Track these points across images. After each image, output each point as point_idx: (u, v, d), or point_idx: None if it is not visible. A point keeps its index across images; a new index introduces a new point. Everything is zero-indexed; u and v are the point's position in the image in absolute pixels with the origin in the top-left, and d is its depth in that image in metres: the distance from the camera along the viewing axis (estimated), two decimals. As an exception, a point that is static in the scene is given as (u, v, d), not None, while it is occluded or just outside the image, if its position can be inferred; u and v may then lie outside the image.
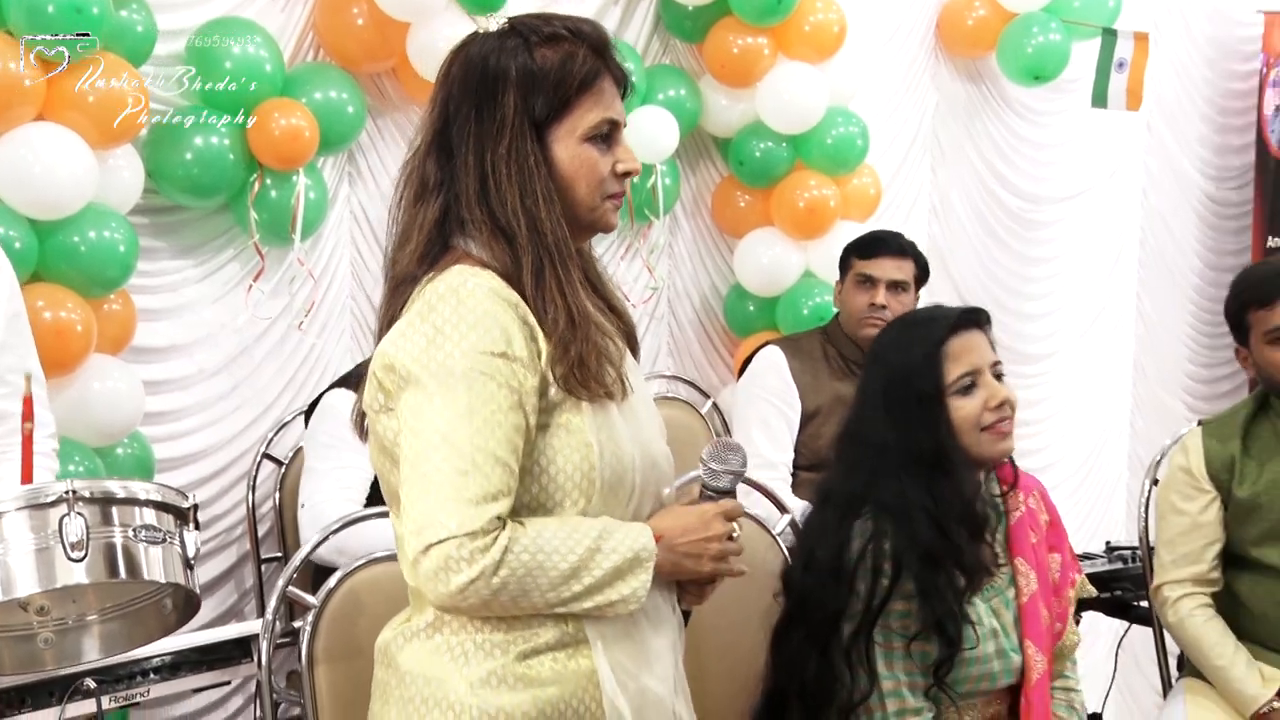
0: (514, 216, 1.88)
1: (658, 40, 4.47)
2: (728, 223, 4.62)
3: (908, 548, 2.40)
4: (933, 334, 2.50)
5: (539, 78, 1.90)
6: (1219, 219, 5.99)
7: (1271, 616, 3.27)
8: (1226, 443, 3.26)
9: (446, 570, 1.78)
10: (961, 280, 5.15)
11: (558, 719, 1.88)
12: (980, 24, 4.94)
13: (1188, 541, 3.27)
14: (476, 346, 1.81)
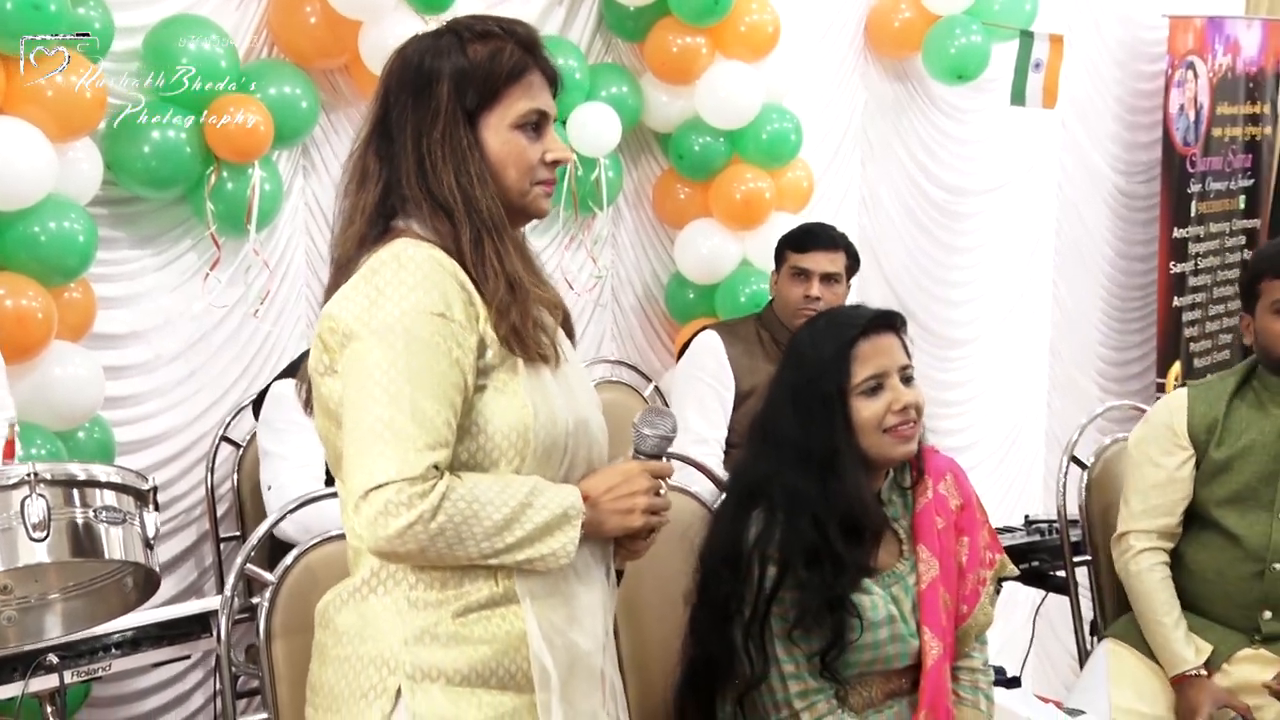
0: (450, 193, 1.90)
1: (600, 39, 4.45)
2: (668, 214, 4.62)
3: (793, 543, 2.40)
4: (844, 335, 2.48)
5: (470, 70, 1.93)
6: (1128, 211, 6.03)
7: (1212, 579, 3.30)
8: (1212, 406, 3.29)
9: (386, 514, 1.78)
10: (890, 269, 5.16)
11: (489, 675, 1.87)
12: (906, 26, 4.95)
13: (1161, 494, 3.30)
14: (416, 306, 1.83)
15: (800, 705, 2.41)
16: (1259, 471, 3.24)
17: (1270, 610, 3.24)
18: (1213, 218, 6.11)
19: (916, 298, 5.11)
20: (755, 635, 2.40)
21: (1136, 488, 3.35)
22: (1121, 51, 5.89)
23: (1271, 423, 3.25)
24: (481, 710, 1.86)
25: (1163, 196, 5.94)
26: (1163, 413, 3.36)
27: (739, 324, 3.98)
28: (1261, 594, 3.24)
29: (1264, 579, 3.23)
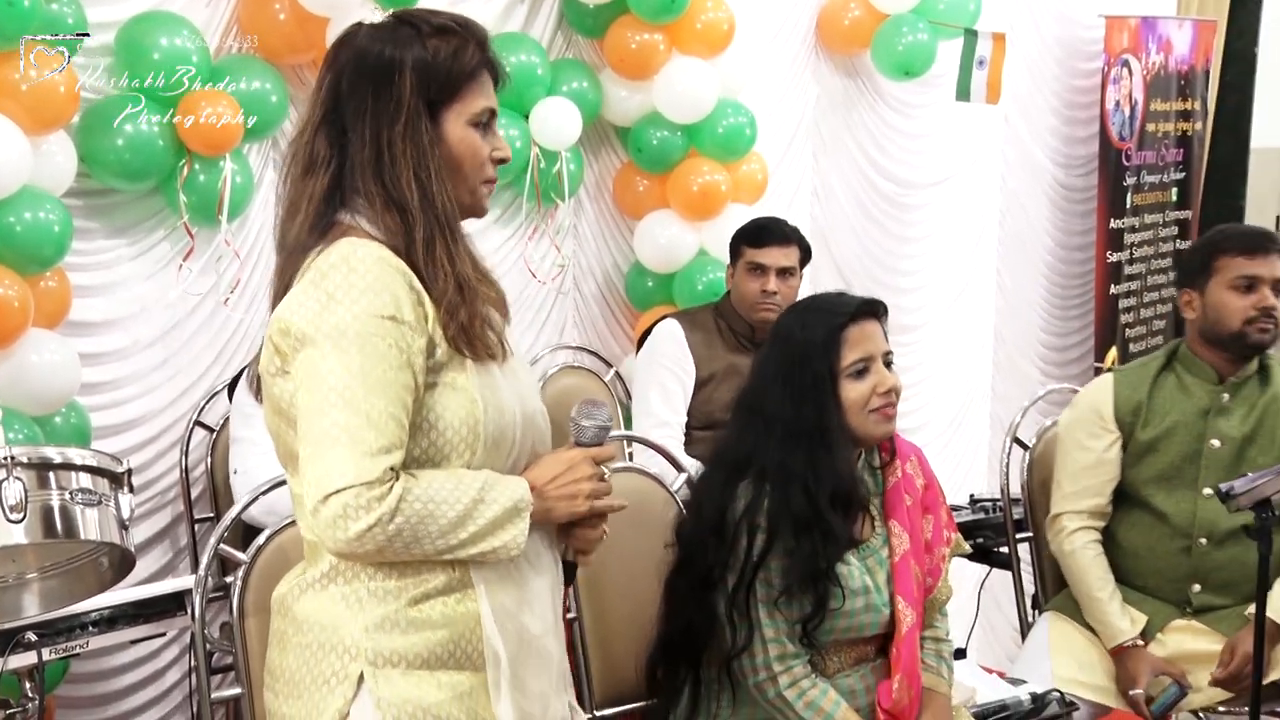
0: (407, 189, 1.86)
1: (561, 36, 4.42)
2: (628, 205, 4.60)
3: (782, 513, 2.43)
4: (834, 320, 2.52)
5: (432, 64, 1.89)
6: (1068, 203, 6.05)
7: (1143, 555, 3.33)
8: (1136, 389, 3.32)
9: (345, 518, 1.75)
10: (841, 258, 5.17)
11: (446, 658, 1.86)
12: (856, 24, 4.94)
13: (1091, 476, 3.33)
14: (367, 310, 1.79)
15: (779, 669, 2.44)
16: (1183, 451, 3.27)
17: (1199, 583, 3.27)
18: (1147, 209, 6.14)
19: (867, 286, 5.09)
20: (740, 603, 2.43)
21: (1067, 470, 3.38)
22: (1060, 50, 5.91)
23: (1193, 403, 3.28)
24: (441, 690, 1.85)
25: (1100, 189, 5.96)
26: (1089, 397, 3.39)
27: (698, 313, 3.97)
28: (1190, 568, 3.27)
29: (1191, 554, 3.26)
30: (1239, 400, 3.26)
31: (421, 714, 1.83)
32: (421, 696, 1.83)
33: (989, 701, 2.89)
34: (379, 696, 1.83)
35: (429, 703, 1.84)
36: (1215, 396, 3.26)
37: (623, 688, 2.79)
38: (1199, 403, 3.27)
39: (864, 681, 2.55)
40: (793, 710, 2.44)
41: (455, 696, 1.85)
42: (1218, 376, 3.27)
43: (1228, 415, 3.26)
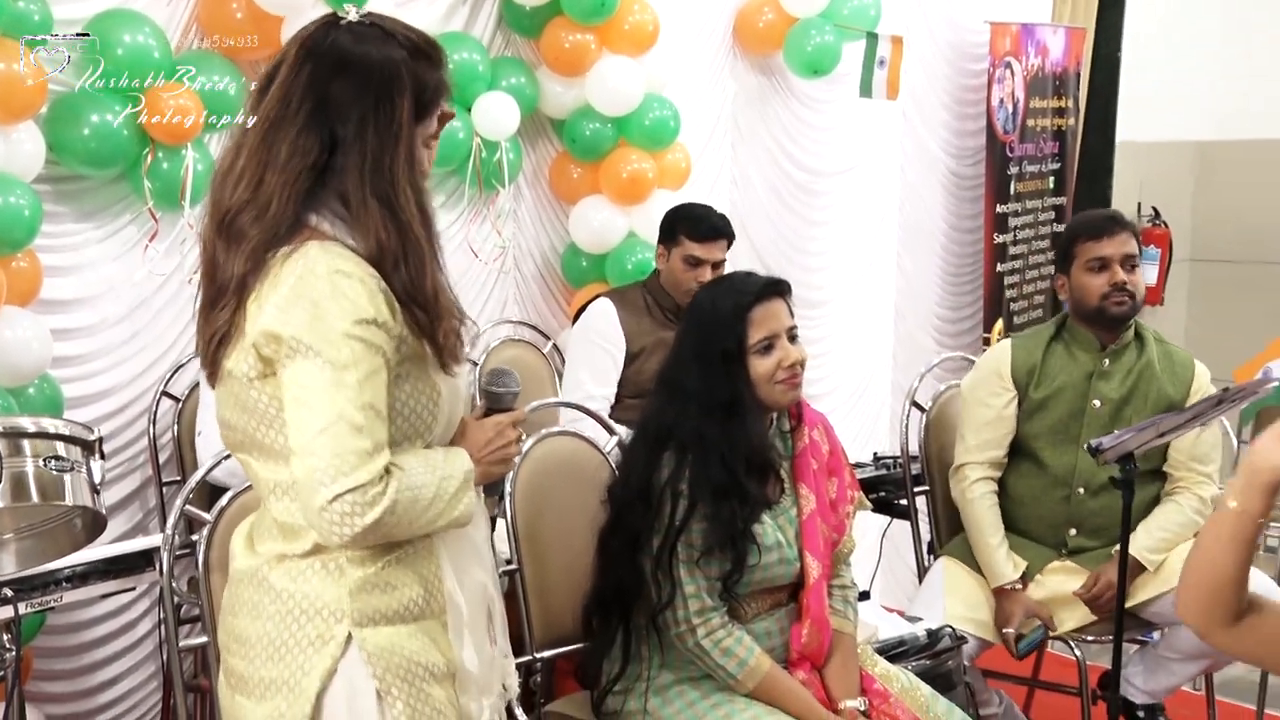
0: (412, 213, 1.78)
1: (500, 35, 4.37)
2: (563, 191, 4.57)
3: (702, 481, 2.42)
4: (741, 300, 2.52)
5: (426, 87, 1.83)
6: (959, 190, 6.08)
7: (1028, 503, 3.40)
8: (1031, 353, 3.40)
9: (354, 515, 1.71)
10: (757, 239, 5.16)
11: (417, 612, 1.84)
12: (769, 27, 4.93)
13: (991, 430, 3.39)
14: (353, 316, 1.72)
15: (697, 622, 2.44)
16: (1069, 409, 3.33)
17: (1075, 528, 3.34)
18: (1028, 195, 6.19)
19: (780, 265, 5.09)
20: (664, 564, 2.43)
21: (970, 425, 3.42)
22: (951, 52, 5.93)
23: (1079, 367, 3.34)
24: (416, 639, 1.83)
25: (987, 177, 6.00)
26: (990, 360, 3.45)
27: (628, 291, 3.93)
28: (1068, 515, 3.34)
29: (1070, 502, 3.33)
30: (1117, 366, 3.33)
31: (406, 661, 1.81)
32: (403, 646, 1.82)
33: (890, 638, 2.92)
34: (367, 651, 1.80)
35: (410, 650, 1.82)
36: (1097, 362, 3.33)
37: (561, 632, 2.79)
38: (1084, 367, 3.34)
39: (778, 624, 2.56)
40: (710, 658, 2.44)
41: (430, 642, 1.84)
42: (1099, 345, 3.34)
43: (1108, 379, 3.32)
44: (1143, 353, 3.34)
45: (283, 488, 1.83)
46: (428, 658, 1.83)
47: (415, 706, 1.81)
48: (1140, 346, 3.36)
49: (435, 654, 1.84)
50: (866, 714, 2.52)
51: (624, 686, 2.54)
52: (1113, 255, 3.28)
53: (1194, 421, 2.95)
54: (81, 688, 3.65)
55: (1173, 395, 3.31)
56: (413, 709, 1.81)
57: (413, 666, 1.82)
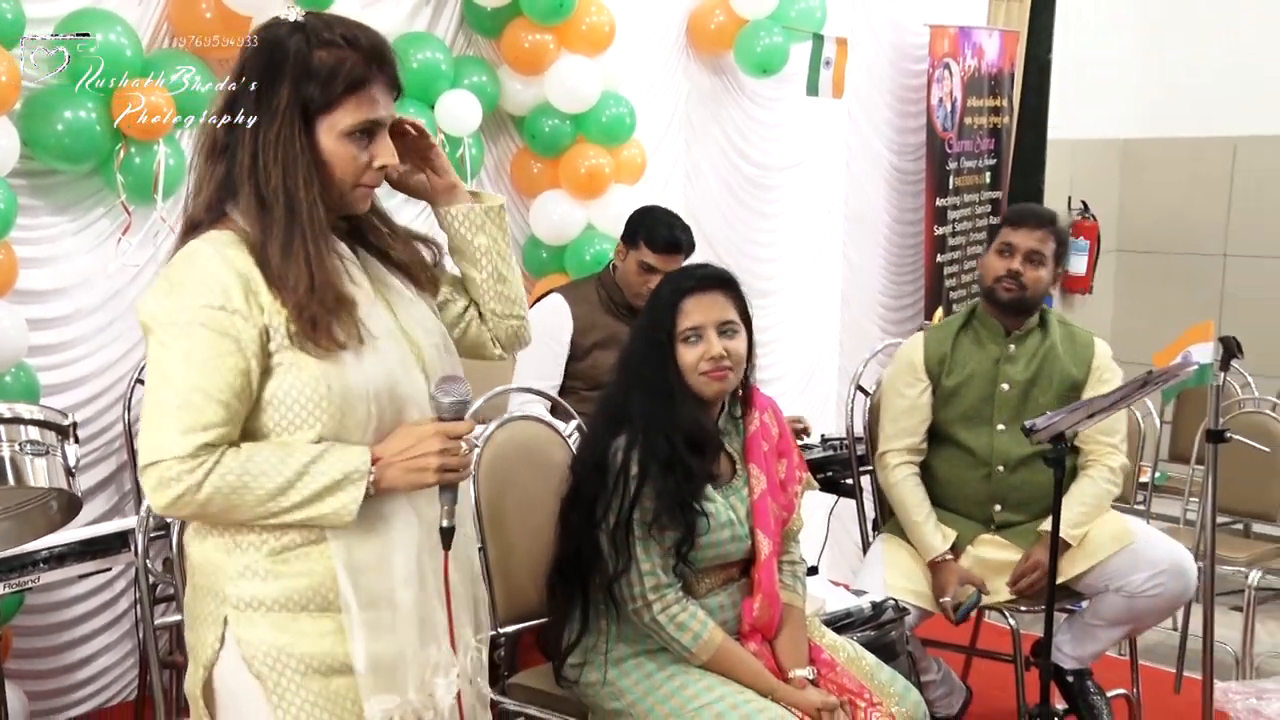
0: (274, 193, 1.75)
1: (463, 35, 4.33)
2: (523, 185, 4.53)
3: (650, 456, 2.42)
4: (678, 289, 2.52)
5: (311, 74, 1.75)
6: (901, 184, 6.08)
7: (953, 482, 3.43)
8: (941, 344, 3.42)
9: (160, 487, 1.71)
10: (710, 231, 5.13)
11: (307, 603, 1.79)
12: (720, 28, 4.91)
13: (907, 418, 3.42)
14: (198, 301, 1.71)
15: (653, 598, 2.44)
16: (980, 394, 3.37)
17: (999, 503, 3.38)
18: (966, 190, 6.21)
19: (732, 256, 5.09)
20: (621, 537, 2.42)
21: (889, 415, 3.47)
22: (893, 53, 5.92)
23: (987, 354, 3.38)
24: (295, 631, 1.78)
25: (927, 172, 6.01)
26: (905, 353, 3.48)
27: (582, 285, 3.88)
28: (990, 491, 3.38)
29: (991, 480, 3.37)
30: (1022, 350, 3.37)
31: (277, 652, 1.77)
32: (277, 638, 1.77)
33: (836, 610, 2.94)
34: (238, 636, 1.78)
35: (283, 643, 1.77)
36: (1004, 347, 3.37)
37: (524, 607, 2.77)
38: (991, 353, 3.37)
39: (730, 598, 2.56)
40: (665, 631, 2.44)
41: (317, 636, 1.78)
42: (1005, 331, 3.38)
43: (1014, 363, 3.36)
44: (1046, 336, 3.39)
45: None
46: (308, 649, 1.77)
47: (283, 696, 1.77)
48: (1044, 331, 3.40)
49: (321, 646, 1.78)
50: (815, 682, 2.53)
51: (584, 659, 2.53)
52: (1019, 244, 3.33)
53: (1122, 403, 2.99)
54: (60, 665, 3.62)
55: (1075, 374, 3.35)
56: (281, 697, 1.77)
57: (285, 658, 1.77)
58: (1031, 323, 3.39)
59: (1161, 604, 3.31)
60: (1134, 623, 3.38)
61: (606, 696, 2.48)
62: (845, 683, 2.56)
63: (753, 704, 2.39)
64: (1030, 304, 3.35)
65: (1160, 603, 3.30)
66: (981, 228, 6.33)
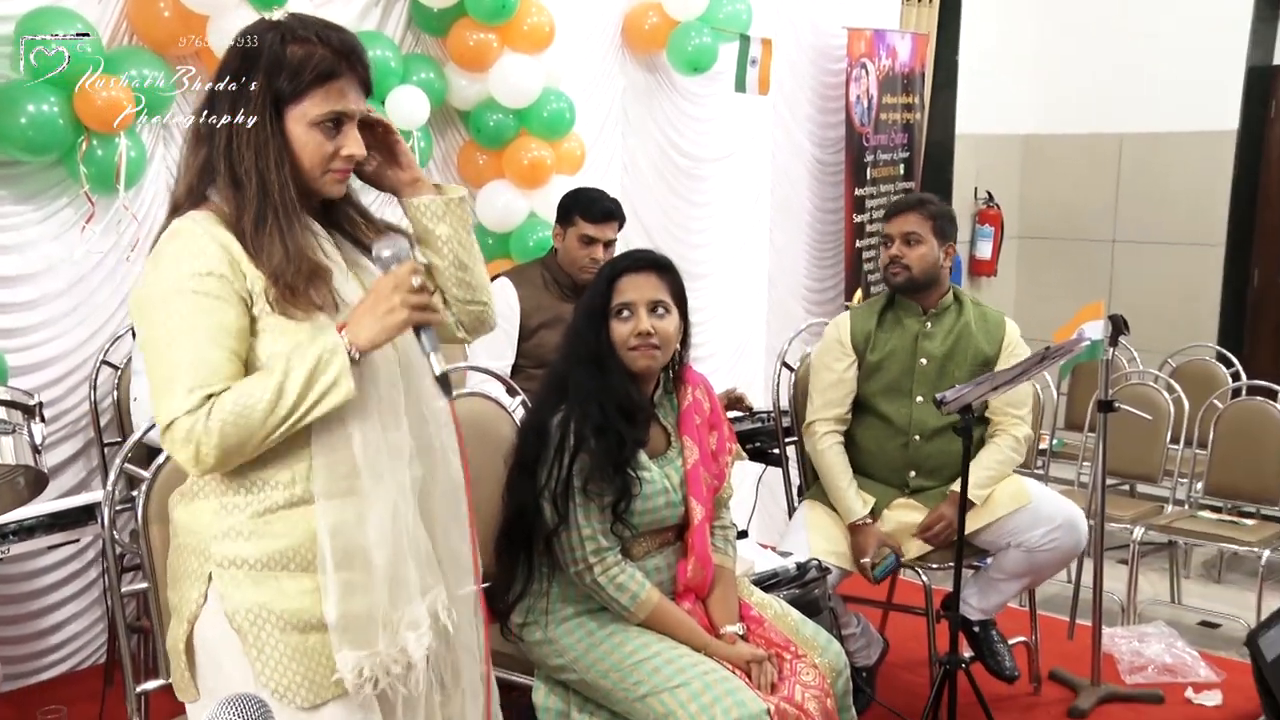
0: (246, 175, 1.75)
1: (411, 34, 4.27)
2: (469, 176, 4.47)
3: (585, 422, 2.41)
4: (614, 269, 2.50)
5: (283, 67, 1.75)
6: (823, 174, 6.10)
7: (874, 451, 3.45)
8: (866, 322, 3.44)
9: (179, 445, 1.70)
10: (646, 219, 5.13)
11: (287, 562, 1.78)
12: (654, 29, 4.89)
13: (834, 390, 3.43)
14: (186, 270, 1.72)
15: (594, 560, 2.43)
16: (900, 369, 3.40)
17: (914, 470, 3.41)
18: (882, 180, 6.24)
19: (666, 242, 5.08)
20: (560, 495, 2.40)
21: (817, 387, 3.48)
22: (814, 53, 5.93)
23: (906, 332, 3.41)
24: (274, 588, 1.77)
25: (847, 164, 6.03)
26: (832, 330, 3.50)
27: (527, 269, 3.84)
28: (908, 459, 3.41)
29: (908, 448, 3.40)
30: (939, 328, 3.40)
31: (258, 609, 1.76)
32: (258, 595, 1.76)
33: (764, 571, 2.94)
34: (220, 593, 1.77)
35: (264, 599, 1.76)
36: (921, 325, 3.39)
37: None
38: (910, 331, 3.40)
39: (666, 561, 2.55)
40: (605, 592, 2.44)
41: (297, 594, 1.77)
42: (922, 310, 3.39)
43: (931, 339, 3.39)
44: (961, 315, 3.42)
45: None
46: (287, 606, 1.76)
47: (261, 649, 1.76)
48: (959, 310, 3.43)
49: (300, 604, 1.76)
50: (744, 637, 2.53)
51: (530, 619, 2.51)
52: (894, 232, 3.38)
53: (1023, 376, 3.02)
54: (33, 630, 3.58)
55: (987, 351, 3.39)
56: (259, 650, 1.76)
57: (264, 613, 1.76)
58: (946, 301, 3.41)
59: (1057, 557, 3.36)
60: (1032, 576, 3.44)
61: (551, 654, 2.47)
62: (772, 637, 2.57)
63: (687, 658, 2.39)
64: (922, 281, 3.37)
65: (1056, 556, 3.35)
66: (896, 215, 6.37)
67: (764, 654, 2.48)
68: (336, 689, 1.78)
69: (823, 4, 5.90)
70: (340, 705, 1.78)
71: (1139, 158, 7.12)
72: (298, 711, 1.77)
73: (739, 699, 2.29)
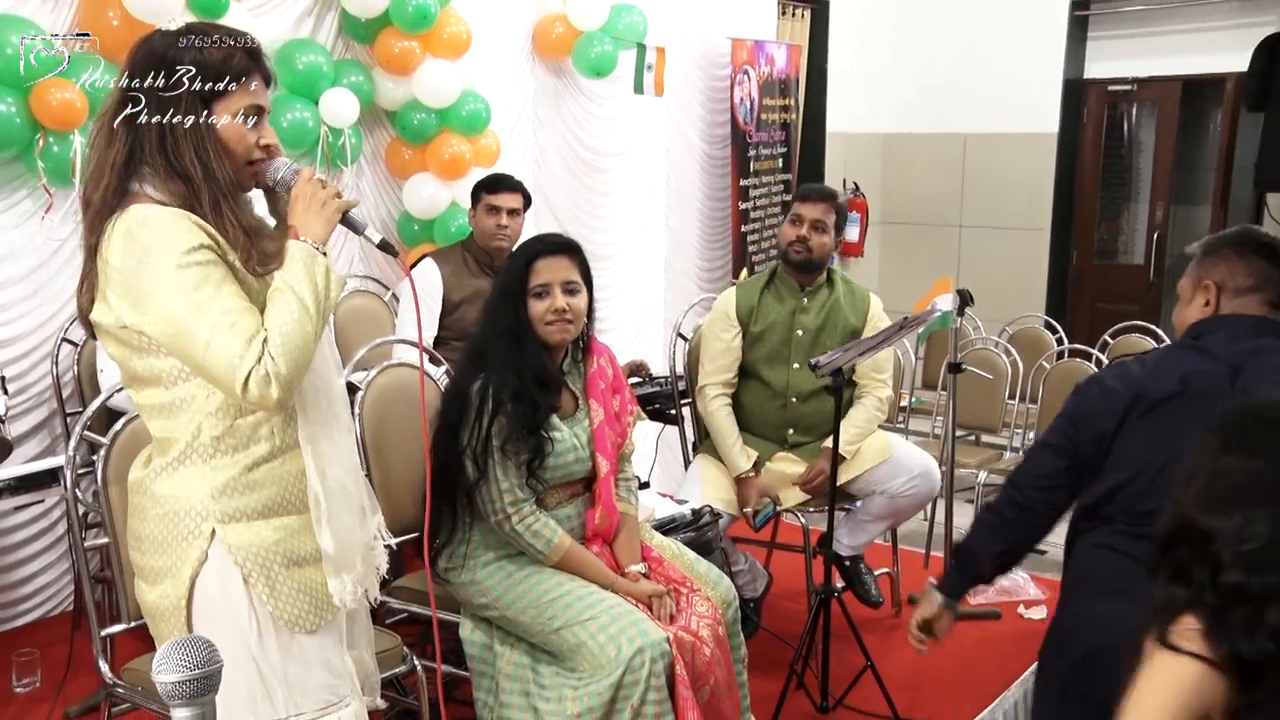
0: (191, 164, 1.70)
1: (341, 42, 4.18)
2: (397, 169, 4.42)
3: (503, 388, 2.40)
4: (530, 252, 2.49)
5: (205, 69, 1.70)
6: (711, 166, 6.12)
7: (757, 411, 3.47)
8: (749, 296, 3.44)
9: (262, 386, 1.65)
10: (556, 207, 5.11)
11: (277, 509, 1.77)
12: (560, 38, 4.86)
13: (722, 358, 3.43)
14: (179, 248, 1.64)
15: (511, 511, 2.42)
16: (780, 338, 3.42)
17: (792, 428, 3.44)
18: (763, 172, 6.28)
19: (575, 226, 5.06)
20: (480, 454, 2.39)
21: (708, 354, 3.49)
22: (703, 60, 5.94)
23: (786, 306, 3.43)
24: (275, 531, 1.76)
25: (733, 158, 6.06)
26: (720, 304, 3.50)
27: (449, 251, 3.82)
28: (785, 418, 3.44)
29: (786, 409, 3.43)
30: (814, 303, 3.42)
31: (262, 551, 1.75)
32: (260, 539, 1.75)
33: (663, 517, 2.95)
34: (229, 544, 1.73)
35: (267, 543, 1.75)
36: (799, 301, 3.42)
37: (405, 521, 2.74)
38: (789, 305, 3.42)
39: (576, 510, 2.55)
40: (522, 539, 2.43)
41: (287, 535, 1.77)
42: (800, 287, 3.42)
43: (807, 313, 3.41)
44: (832, 292, 3.46)
45: (155, 408, 1.75)
46: (287, 546, 1.76)
47: (274, 587, 1.75)
48: (831, 287, 3.46)
49: (294, 542, 1.77)
50: (646, 575, 2.55)
51: (455, 563, 2.51)
52: (806, 215, 3.39)
53: (885, 344, 3.07)
54: (6, 582, 3.48)
55: (855, 323, 3.43)
56: (272, 588, 1.75)
57: (271, 555, 1.75)
58: (820, 280, 3.44)
59: (915, 502, 3.44)
60: (894, 517, 3.51)
61: (475, 593, 2.47)
62: (671, 574, 2.59)
63: (595, 595, 2.41)
64: (817, 264, 3.41)
65: (914, 501, 3.42)
66: (776, 203, 6.42)
67: (664, 589, 2.50)
68: (332, 611, 1.80)
69: (710, 17, 5.90)
70: (325, 629, 1.81)
71: (979, 155, 7.27)
72: (305, 636, 1.78)
73: (642, 629, 2.32)
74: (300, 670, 1.77)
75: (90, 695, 2.87)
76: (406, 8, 3.98)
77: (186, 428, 1.73)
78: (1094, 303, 7.08)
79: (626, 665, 2.26)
